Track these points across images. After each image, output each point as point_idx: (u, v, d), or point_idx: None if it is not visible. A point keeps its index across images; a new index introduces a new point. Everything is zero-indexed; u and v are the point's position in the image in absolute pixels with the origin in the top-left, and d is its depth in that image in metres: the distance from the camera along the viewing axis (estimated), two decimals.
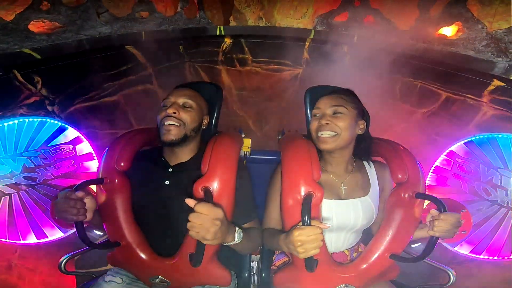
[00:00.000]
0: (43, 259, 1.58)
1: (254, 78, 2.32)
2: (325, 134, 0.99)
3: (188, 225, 0.77)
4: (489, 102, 1.71)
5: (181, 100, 1.05)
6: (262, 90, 2.33)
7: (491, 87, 1.67)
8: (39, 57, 1.68)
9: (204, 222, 0.77)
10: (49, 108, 1.77)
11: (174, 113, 1.01)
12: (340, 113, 1.00)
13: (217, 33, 2.17)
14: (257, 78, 2.32)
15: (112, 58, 2.01)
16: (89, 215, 0.94)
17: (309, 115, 1.22)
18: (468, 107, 1.80)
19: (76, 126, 1.56)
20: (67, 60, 1.81)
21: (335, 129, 0.99)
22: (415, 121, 2.02)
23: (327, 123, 0.99)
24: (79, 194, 0.90)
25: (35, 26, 1.69)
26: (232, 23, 2.17)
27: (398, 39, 1.89)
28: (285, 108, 2.25)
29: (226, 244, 0.90)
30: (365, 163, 1.11)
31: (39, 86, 1.70)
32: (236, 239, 0.89)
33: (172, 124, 1.01)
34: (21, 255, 1.59)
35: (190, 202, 0.79)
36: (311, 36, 2.11)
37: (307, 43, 2.15)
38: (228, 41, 2.19)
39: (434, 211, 0.93)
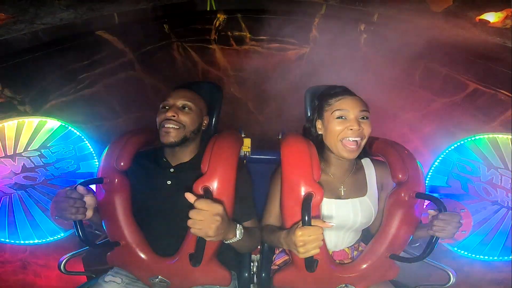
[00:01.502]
0: (53, 254, 1.57)
1: (254, 58, 2.11)
2: (353, 139, 0.96)
3: (189, 222, 0.76)
4: None
5: (180, 102, 1.05)
6: (262, 71, 2.11)
7: None
8: None
9: (205, 218, 0.77)
10: (21, 108, 1.64)
11: (173, 116, 1.02)
12: (367, 118, 0.98)
13: (208, 8, 1.91)
14: (257, 58, 2.11)
15: (81, 47, 1.78)
16: (89, 213, 0.94)
17: (308, 115, 1.21)
18: (497, 102, 1.64)
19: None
20: (24, 55, 1.58)
21: (362, 136, 0.96)
22: (433, 110, 1.85)
23: (359, 129, 0.95)
24: (80, 189, 0.90)
25: None
26: None
27: (428, 20, 1.67)
28: (289, 90, 2.00)
29: (227, 241, 0.90)
30: (365, 162, 1.11)
31: None
32: (237, 235, 0.89)
33: (172, 127, 1.01)
34: (32, 253, 1.58)
35: (189, 196, 0.79)
36: (322, 11, 1.87)
37: (316, 19, 1.91)
38: (221, 17, 1.96)
39: (433, 211, 0.93)
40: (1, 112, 1.58)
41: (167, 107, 1.05)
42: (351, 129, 0.95)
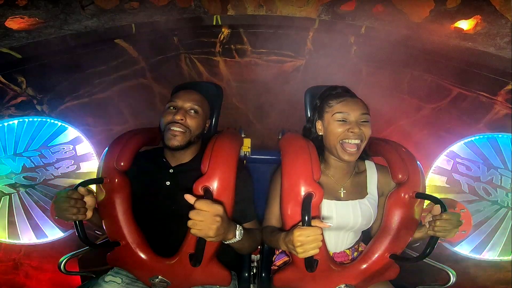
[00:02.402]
0: (48, 257, 1.58)
1: (254, 69, 2.23)
2: (353, 141, 0.96)
3: (189, 223, 0.76)
4: (504, 102, 1.64)
5: (188, 105, 1.04)
6: (262, 82, 2.23)
7: (509, 87, 1.59)
8: (19, 56, 1.60)
9: (205, 219, 0.77)
10: (38, 107, 1.73)
11: (182, 119, 1.01)
12: (367, 121, 0.98)
13: (214, 23, 2.06)
14: (257, 70, 2.23)
15: (100, 53, 1.93)
16: (89, 214, 0.94)
17: (309, 115, 1.21)
18: (480, 105, 1.72)
19: (69, 125, 1.54)
20: (51, 57, 1.73)
21: (362, 138, 0.96)
22: (422, 116, 1.95)
23: (359, 132, 0.95)
24: (81, 190, 0.90)
25: (14, 23, 1.59)
26: (230, 11, 2.05)
27: (409, 31, 1.79)
28: (287, 100, 2.15)
29: (227, 242, 0.90)
30: (368, 165, 1.11)
31: (24, 86, 1.64)
32: (237, 236, 0.89)
33: (178, 130, 1.01)
34: (26, 254, 1.59)
35: (189, 197, 0.79)
36: (315, 26, 1.99)
37: (310, 33, 2.03)
38: (225, 31, 2.09)
39: (434, 211, 0.92)
40: (20, 110, 1.65)
41: (174, 108, 1.04)
42: (352, 132, 0.95)
